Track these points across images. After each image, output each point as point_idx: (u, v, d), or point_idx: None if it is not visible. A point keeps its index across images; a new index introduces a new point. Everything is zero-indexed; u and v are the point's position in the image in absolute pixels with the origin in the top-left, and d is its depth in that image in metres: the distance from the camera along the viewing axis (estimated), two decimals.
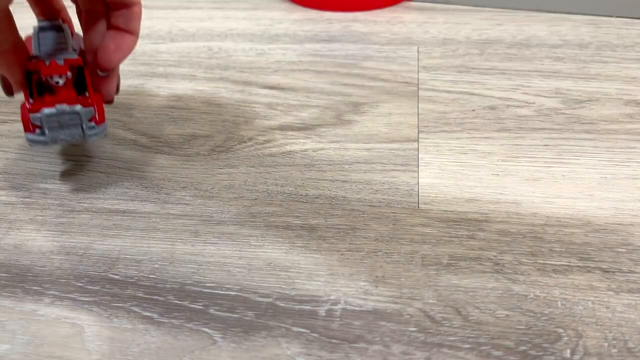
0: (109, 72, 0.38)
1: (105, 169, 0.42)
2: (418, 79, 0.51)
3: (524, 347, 0.30)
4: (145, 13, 0.64)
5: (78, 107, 0.37)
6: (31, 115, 0.37)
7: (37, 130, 0.38)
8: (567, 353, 0.29)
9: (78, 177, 0.41)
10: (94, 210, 0.39)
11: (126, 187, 0.41)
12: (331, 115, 0.47)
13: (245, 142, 0.45)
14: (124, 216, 0.38)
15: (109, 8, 0.37)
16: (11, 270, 0.35)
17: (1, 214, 0.39)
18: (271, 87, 0.51)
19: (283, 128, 0.46)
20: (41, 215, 0.39)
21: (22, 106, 0.38)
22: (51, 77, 0.37)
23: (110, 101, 0.41)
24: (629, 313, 0.31)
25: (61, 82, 0.37)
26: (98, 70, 0.38)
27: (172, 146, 0.44)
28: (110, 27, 0.37)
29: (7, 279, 0.34)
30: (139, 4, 0.37)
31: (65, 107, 0.37)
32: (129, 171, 0.42)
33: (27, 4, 0.39)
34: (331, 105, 0.48)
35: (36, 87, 0.38)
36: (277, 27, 0.61)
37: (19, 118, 0.48)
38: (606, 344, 0.30)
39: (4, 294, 0.34)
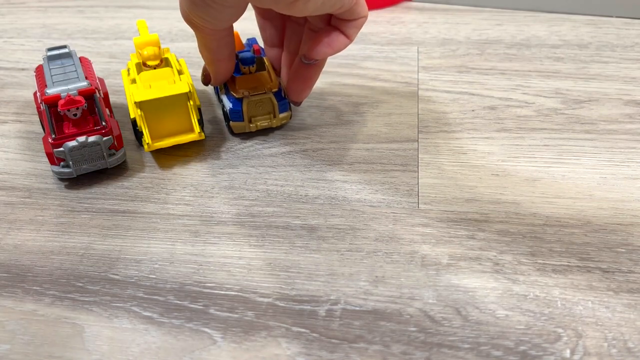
0: (312, 62, 0.39)
1: (105, 169, 0.42)
2: (418, 79, 0.51)
3: (523, 347, 0.30)
4: (145, 13, 0.65)
5: (98, 138, 0.39)
6: (55, 150, 0.38)
7: (62, 163, 0.39)
8: (567, 353, 0.29)
9: (78, 177, 0.41)
10: (94, 210, 0.39)
11: (126, 187, 0.41)
12: (331, 115, 0.47)
13: (245, 142, 0.45)
14: (124, 216, 0.38)
15: (336, 17, 0.37)
16: (11, 270, 0.35)
17: (1, 214, 0.39)
18: None
19: (283, 128, 0.46)
20: (41, 215, 0.39)
21: (44, 139, 0.39)
22: (69, 111, 0.38)
23: (297, 102, 0.43)
24: (628, 313, 0.31)
25: (78, 114, 0.39)
26: (302, 57, 0.39)
27: (172, 146, 0.44)
28: (330, 25, 0.38)
29: (7, 279, 0.34)
30: (366, 16, 0.37)
31: (86, 138, 0.39)
32: (129, 171, 0.42)
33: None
34: (331, 105, 0.48)
35: (54, 117, 0.39)
36: None
37: (19, 118, 0.48)
38: (606, 344, 0.30)
39: (4, 294, 0.34)
